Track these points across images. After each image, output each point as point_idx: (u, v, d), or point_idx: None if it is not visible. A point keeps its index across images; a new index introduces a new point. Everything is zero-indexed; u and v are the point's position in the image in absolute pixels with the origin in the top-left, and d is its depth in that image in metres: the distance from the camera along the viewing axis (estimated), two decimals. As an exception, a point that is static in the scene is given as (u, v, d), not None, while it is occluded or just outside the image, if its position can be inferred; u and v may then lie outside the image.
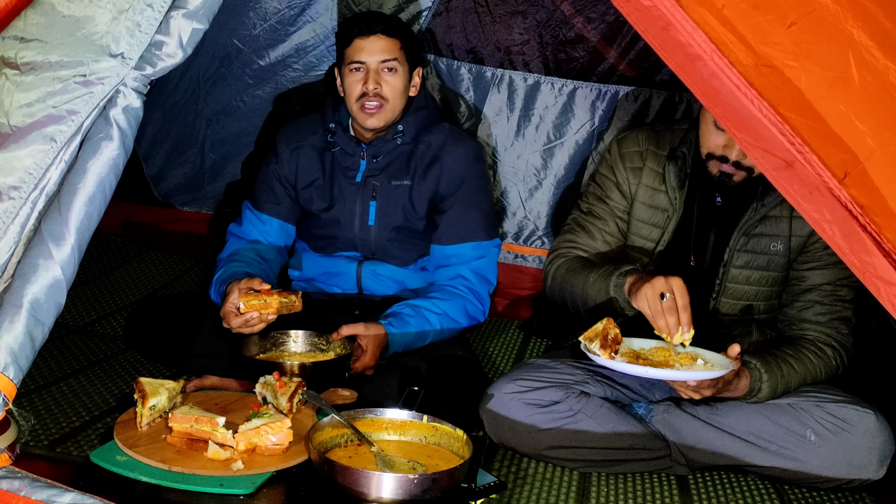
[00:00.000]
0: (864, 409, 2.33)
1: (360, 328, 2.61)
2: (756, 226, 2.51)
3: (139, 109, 1.94)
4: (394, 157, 2.87)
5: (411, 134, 2.86)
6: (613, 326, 2.27)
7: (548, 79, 3.44)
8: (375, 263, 2.93)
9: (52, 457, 2.14)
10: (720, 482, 2.39)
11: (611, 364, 2.20)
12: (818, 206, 1.71)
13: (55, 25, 1.93)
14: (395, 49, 2.77)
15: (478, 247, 2.87)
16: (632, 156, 2.65)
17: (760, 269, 2.53)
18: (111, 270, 3.57)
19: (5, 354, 1.84)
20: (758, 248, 2.52)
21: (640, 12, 1.75)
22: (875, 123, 1.66)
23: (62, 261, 1.88)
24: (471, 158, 2.88)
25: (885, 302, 1.69)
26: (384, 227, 2.88)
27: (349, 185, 2.88)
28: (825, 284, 2.49)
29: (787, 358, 2.39)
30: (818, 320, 2.47)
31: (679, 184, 2.57)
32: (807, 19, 1.69)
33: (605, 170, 2.70)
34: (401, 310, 2.71)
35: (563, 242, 2.71)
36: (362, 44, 2.75)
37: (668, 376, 2.21)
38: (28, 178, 1.88)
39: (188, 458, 2.08)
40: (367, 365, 2.59)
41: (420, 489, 2.00)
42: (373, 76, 2.75)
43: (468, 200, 2.87)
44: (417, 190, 2.86)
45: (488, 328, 3.36)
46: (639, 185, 2.62)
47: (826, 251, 2.47)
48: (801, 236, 2.51)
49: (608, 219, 2.67)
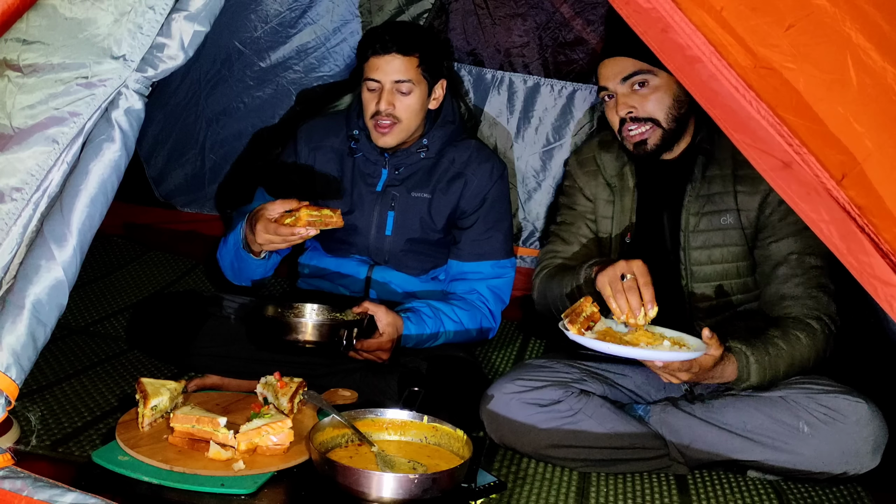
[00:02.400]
0: (855, 399, 2.34)
1: (381, 309, 2.61)
2: (703, 205, 2.57)
3: (141, 111, 1.94)
4: (416, 169, 2.87)
5: (435, 148, 2.86)
6: (590, 305, 2.26)
7: (547, 81, 3.45)
8: (386, 270, 2.94)
9: (54, 457, 2.14)
10: (719, 482, 2.39)
11: (578, 339, 2.21)
12: (816, 206, 1.71)
13: (57, 28, 1.93)
14: (412, 68, 2.74)
15: (496, 265, 2.89)
16: (587, 161, 2.79)
17: (719, 246, 2.57)
18: (113, 271, 3.58)
19: (7, 355, 1.84)
20: (710, 226, 2.57)
21: (640, 14, 1.75)
22: (873, 125, 1.67)
23: (64, 262, 1.88)
24: (495, 177, 2.88)
25: (883, 302, 1.68)
26: (400, 237, 2.89)
27: (369, 193, 2.88)
28: (791, 255, 2.51)
29: (775, 339, 2.39)
30: (796, 293, 2.48)
31: (615, 169, 2.70)
32: (805, 21, 1.69)
33: (568, 181, 2.85)
34: (420, 308, 2.73)
35: (544, 255, 2.79)
36: (377, 62, 2.73)
37: (632, 354, 2.22)
38: (30, 179, 1.88)
39: (190, 458, 2.09)
40: (382, 346, 2.58)
41: (420, 489, 2.01)
42: (386, 96, 2.73)
43: (490, 220, 2.88)
44: (437, 203, 2.86)
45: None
46: (597, 185, 2.73)
47: (782, 222, 2.52)
48: (750, 210, 2.55)
49: (579, 222, 2.76)
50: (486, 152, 2.95)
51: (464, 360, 2.73)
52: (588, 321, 2.25)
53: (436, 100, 2.85)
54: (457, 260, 2.92)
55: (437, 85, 2.84)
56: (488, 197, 2.87)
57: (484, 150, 2.95)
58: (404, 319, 2.65)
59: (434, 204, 2.86)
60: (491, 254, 2.89)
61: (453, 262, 2.93)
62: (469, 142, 2.93)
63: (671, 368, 2.27)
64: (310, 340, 2.48)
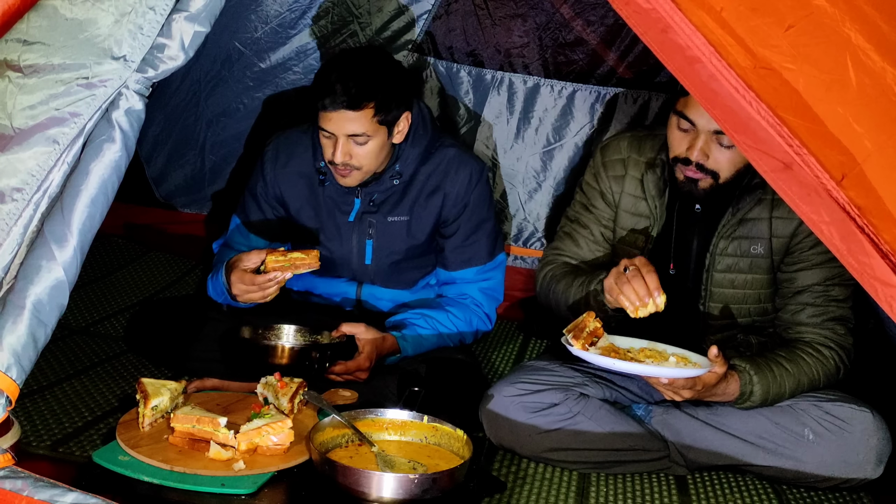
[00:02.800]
0: (861, 409, 2.34)
1: (360, 328, 2.60)
2: (735, 229, 2.49)
3: (141, 111, 1.94)
4: (390, 194, 2.78)
5: (409, 171, 2.76)
6: (594, 320, 2.27)
7: (547, 81, 3.45)
8: (375, 288, 2.91)
9: (55, 457, 2.15)
10: (719, 482, 2.40)
11: (581, 354, 2.20)
12: (816, 207, 1.71)
13: (58, 28, 1.94)
14: (365, 120, 2.55)
15: (482, 270, 2.86)
16: (614, 164, 2.63)
17: (744, 273, 2.51)
18: (113, 272, 3.58)
19: (8, 355, 1.84)
20: (739, 252, 2.50)
21: (640, 15, 1.75)
22: (872, 126, 1.67)
23: (65, 262, 1.88)
24: (473, 183, 2.79)
25: (883, 303, 1.69)
26: (382, 262, 2.84)
27: (345, 223, 2.81)
28: (815, 285, 2.46)
29: (780, 360, 2.38)
30: (812, 322, 2.46)
31: (658, 192, 2.56)
32: (805, 22, 1.69)
33: (589, 178, 2.70)
34: (414, 320, 2.72)
35: (551, 250, 2.73)
36: (329, 115, 2.55)
37: (636, 370, 2.21)
38: (31, 179, 1.89)
39: (190, 458, 2.09)
40: (360, 366, 2.57)
41: (420, 489, 2.02)
42: (342, 147, 2.58)
43: (472, 225, 2.83)
44: (416, 223, 2.81)
45: (487, 329, 3.38)
46: (622, 193, 2.62)
47: (812, 251, 2.46)
48: (782, 237, 2.48)
49: (593, 227, 2.66)
50: (462, 158, 2.81)
51: (463, 362, 2.73)
52: (591, 336, 2.25)
53: (399, 133, 2.68)
54: (444, 269, 2.89)
55: (401, 119, 2.65)
56: (469, 203, 2.79)
57: (460, 156, 2.81)
58: (398, 339, 2.64)
59: (413, 224, 2.80)
60: (476, 259, 2.85)
61: (440, 270, 2.91)
62: (444, 151, 2.80)
63: (675, 385, 2.26)
64: (282, 364, 2.50)
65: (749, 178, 2.46)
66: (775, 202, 2.47)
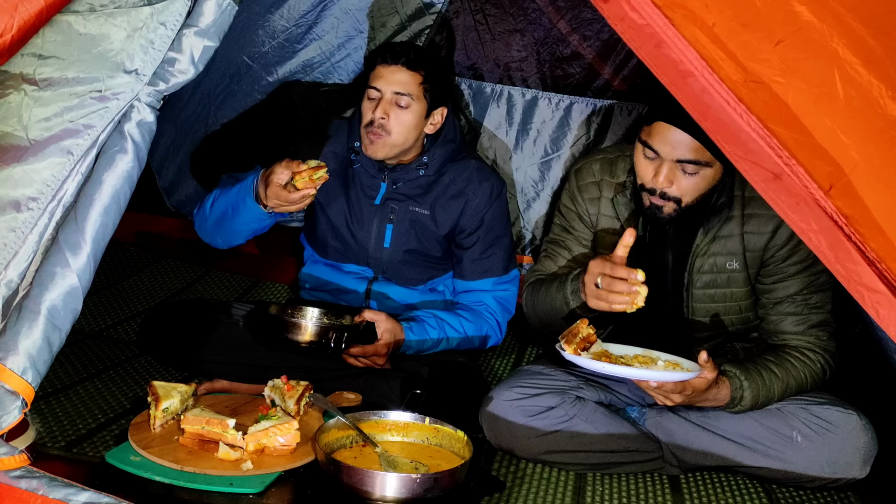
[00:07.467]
0: (847, 411, 2.37)
1: (381, 316, 2.67)
2: (709, 247, 2.49)
3: (152, 123, 1.97)
4: (415, 185, 2.87)
5: (435, 166, 2.86)
6: (586, 327, 2.27)
7: (545, 94, 3.49)
8: (385, 285, 2.96)
9: (69, 457, 2.16)
10: (710, 482, 2.43)
11: (573, 358, 2.21)
12: (805, 216, 1.73)
13: (72, 43, 1.96)
14: (414, 84, 2.74)
15: (498, 281, 2.92)
16: (588, 187, 2.62)
17: (722, 287, 2.52)
18: (125, 278, 3.60)
19: (24, 359, 1.87)
20: (715, 269, 2.50)
21: (634, 30, 1.77)
22: (859, 137, 1.68)
23: (79, 269, 1.91)
24: (494, 196, 2.88)
25: (870, 308, 1.70)
26: (398, 249, 2.90)
27: (368, 206, 2.90)
28: (794, 295, 2.47)
29: (769, 364, 2.40)
30: (796, 330, 2.47)
31: (630, 213, 2.55)
32: (794, 37, 1.70)
33: (566, 201, 2.69)
34: (424, 317, 2.77)
35: (532, 273, 2.72)
36: (382, 71, 2.75)
37: (627, 374, 2.22)
38: (46, 189, 1.91)
39: (200, 458, 2.12)
40: (378, 352, 2.62)
41: (422, 488, 2.04)
42: (383, 105, 2.73)
43: (490, 238, 2.90)
44: (436, 219, 2.87)
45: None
46: (598, 214, 2.61)
47: (786, 263, 2.46)
48: (755, 251, 2.48)
49: (574, 248, 2.65)
50: (485, 171, 2.92)
51: (464, 365, 2.77)
52: (584, 342, 2.26)
53: (433, 125, 2.84)
54: (461, 279, 2.95)
55: (437, 111, 2.82)
56: (487, 216, 2.87)
57: (483, 169, 2.92)
58: (405, 328, 2.69)
59: (433, 219, 2.88)
60: (493, 270, 2.92)
61: (458, 281, 2.96)
62: (469, 161, 2.91)
63: (665, 389, 2.27)
64: (302, 340, 2.60)
65: (715, 199, 2.46)
66: (745, 218, 2.47)
